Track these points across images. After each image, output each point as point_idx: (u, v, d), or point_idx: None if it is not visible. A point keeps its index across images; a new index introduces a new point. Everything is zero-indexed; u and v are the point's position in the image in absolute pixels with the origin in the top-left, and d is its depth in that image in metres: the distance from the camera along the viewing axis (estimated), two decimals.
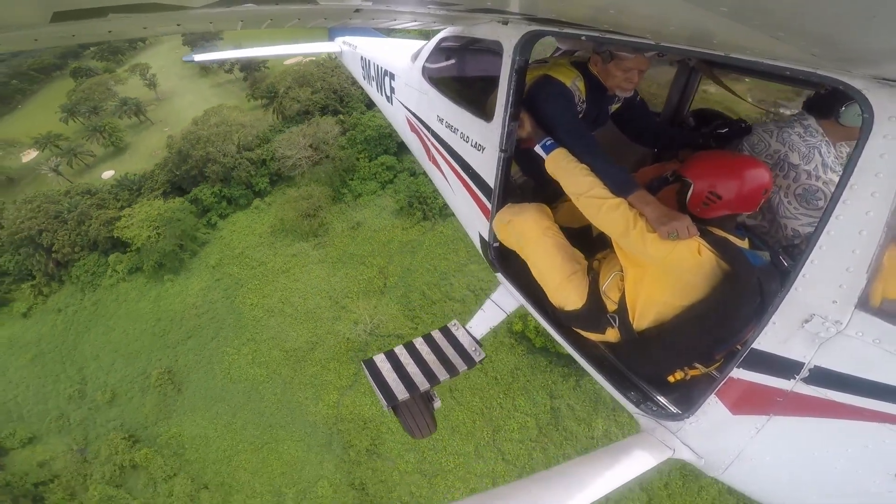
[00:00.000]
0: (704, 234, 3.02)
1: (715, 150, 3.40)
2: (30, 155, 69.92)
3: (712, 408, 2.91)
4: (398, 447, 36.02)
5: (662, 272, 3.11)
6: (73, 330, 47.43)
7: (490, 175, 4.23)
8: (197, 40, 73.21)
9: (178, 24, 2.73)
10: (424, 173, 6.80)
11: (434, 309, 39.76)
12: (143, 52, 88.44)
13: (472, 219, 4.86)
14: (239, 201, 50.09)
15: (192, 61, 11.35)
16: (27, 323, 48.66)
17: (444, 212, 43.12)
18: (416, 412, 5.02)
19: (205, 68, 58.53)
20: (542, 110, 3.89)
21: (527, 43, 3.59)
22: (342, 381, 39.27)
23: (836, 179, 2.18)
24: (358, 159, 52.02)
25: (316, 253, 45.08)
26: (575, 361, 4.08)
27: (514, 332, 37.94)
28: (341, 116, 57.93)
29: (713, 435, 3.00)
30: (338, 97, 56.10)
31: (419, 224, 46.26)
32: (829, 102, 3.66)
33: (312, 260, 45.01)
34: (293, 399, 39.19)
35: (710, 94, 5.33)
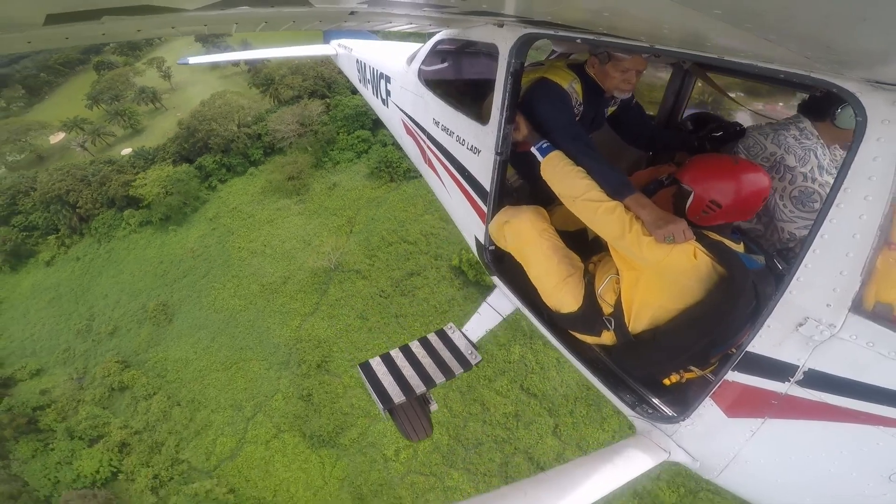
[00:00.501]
0: (700, 238, 3.02)
1: (712, 155, 3.36)
2: (58, 137, 77.20)
3: (707, 410, 2.91)
4: (345, 364, 41.47)
5: (658, 275, 3.11)
6: (87, 274, 54.90)
7: (486, 178, 4.22)
8: (209, 38, 77.34)
9: (173, 27, 2.72)
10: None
11: (390, 249, 46.21)
12: (160, 48, 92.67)
13: (468, 222, 4.85)
14: (236, 168, 58.96)
15: (187, 64, 11.37)
16: (49, 270, 56.18)
17: (408, 174, 50.16)
18: (413, 415, 5.00)
19: (209, 53, 62.20)
20: (538, 113, 3.89)
21: (522, 45, 3.59)
22: (305, 308, 45.49)
23: (832, 182, 2.17)
24: (338, 133, 61.05)
25: (296, 207, 52.79)
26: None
27: (453, 266, 43.95)
28: (327, 100, 65.63)
29: (708, 438, 3.00)
30: (326, 84, 65.24)
31: (386, 185, 53.59)
32: (823, 105, 3.67)
33: (293, 213, 52.64)
34: (263, 325, 45.29)
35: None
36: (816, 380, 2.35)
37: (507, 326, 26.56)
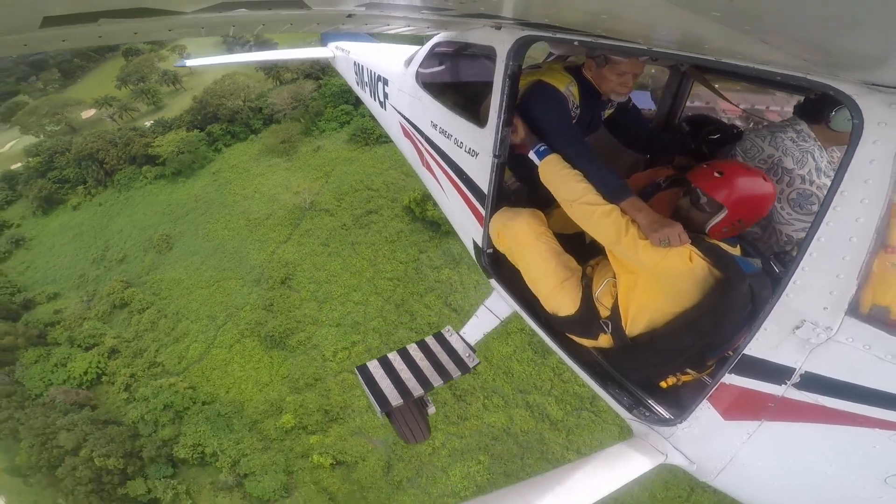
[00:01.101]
0: (696, 242, 3.02)
1: (738, 166, 3.21)
2: (89, 113, 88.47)
3: (704, 413, 2.90)
4: (305, 281, 50.59)
5: (654, 279, 3.11)
6: (107, 216, 65.76)
7: (484, 181, 4.22)
8: (230, 38, 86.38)
9: (170, 30, 2.71)
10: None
11: (355, 194, 55.40)
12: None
13: (465, 224, 4.84)
14: (239, 135, 69.32)
15: (185, 66, 11.41)
16: (75, 214, 67.74)
17: (380, 140, 58.11)
18: (410, 418, 4.99)
19: (231, 50, 72.70)
20: (535, 116, 3.89)
21: (520, 48, 3.59)
22: (280, 238, 54.75)
23: (830, 184, 2.18)
24: (325, 107, 70.08)
25: (285, 164, 62.70)
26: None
27: (404, 206, 52.29)
28: (320, 80, 74.18)
29: (705, 440, 3.00)
30: (321, 68, 72.94)
31: (360, 147, 61.90)
32: (819, 107, 3.67)
33: (281, 168, 62.38)
34: (244, 250, 54.53)
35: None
36: (813, 382, 2.35)
37: (443, 254, 43.76)
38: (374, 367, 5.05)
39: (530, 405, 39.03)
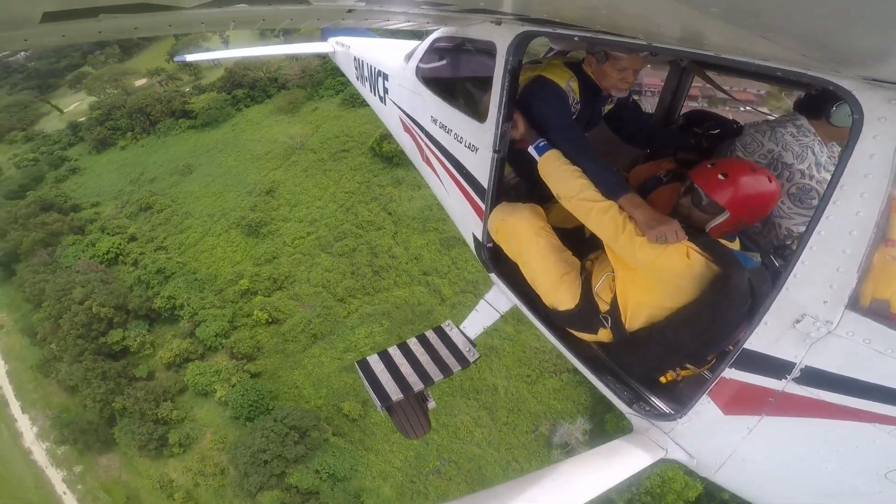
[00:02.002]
0: (693, 237, 3.01)
1: (744, 165, 3.14)
2: (142, 81, 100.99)
3: (704, 408, 2.91)
4: (284, 192, 64.52)
5: (652, 275, 3.12)
6: (146, 153, 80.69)
7: (483, 176, 4.22)
8: (266, 31, 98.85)
9: (170, 25, 2.71)
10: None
11: (335, 140, 68.31)
12: None
13: (465, 219, 4.85)
14: (257, 98, 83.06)
15: (184, 61, 11.46)
16: (121, 152, 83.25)
17: (364, 104, 64.05)
18: (410, 412, 5.00)
19: (262, 34, 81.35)
20: (535, 111, 3.89)
21: (520, 43, 3.59)
22: (273, 166, 68.50)
23: (830, 179, 2.18)
24: (326, 78, 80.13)
25: (288, 119, 76.18)
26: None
27: (370, 147, 63.78)
28: (325, 57, 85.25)
29: (705, 435, 3.01)
30: None
31: (349, 109, 72.54)
32: (819, 103, 3.67)
33: (284, 122, 75.92)
34: (245, 174, 68.87)
35: None
36: (813, 377, 2.35)
37: (392, 178, 59.86)
38: (375, 361, 5.05)
39: (429, 284, 49.94)
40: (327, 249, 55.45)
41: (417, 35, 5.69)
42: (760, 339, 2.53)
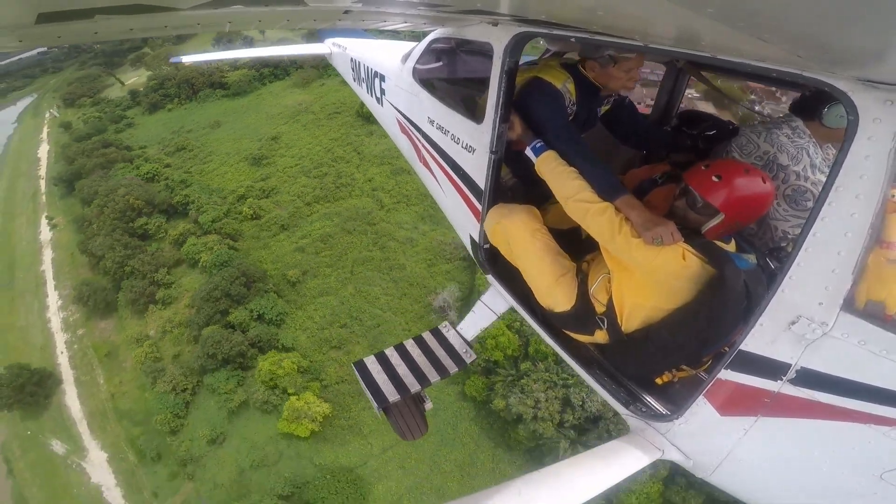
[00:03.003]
0: (690, 238, 3.02)
1: (738, 167, 3.11)
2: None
3: (701, 409, 2.91)
4: (286, 140, 76.57)
5: (648, 277, 3.12)
6: (187, 114, 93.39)
7: (480, 177, 4.22)
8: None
9: (166, 26, 2.70)
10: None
11: (332, 106, 78.37)
12: None
13: (462, 220, 4.85)
14: (279, 76, 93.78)
15: (179, 61, 11.49)
16: (168, 113, 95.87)
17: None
18: (407, 414, 5.00)
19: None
20: (532, 112, 3.89)
21: (517, 44, 3.59)
22: (281, 122, 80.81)
23: (825, 180, 2.18)
24: None
25: (300, 92, 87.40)
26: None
27: (356, 111, 73.42)
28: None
29: (701, 436, 3.01)
30: None
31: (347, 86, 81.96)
32: (812, 104, 3.68)
33: (297, 93, 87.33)
34: (260, 127, 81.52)
35: None
36: (808, 378, 2.35)
37: (364, 130, 74.52)
38: (371, 362, 5.05)
39: (375, 197, 62.04)
40: (307, 174, 68.54)
41: (415, 36, 5.69)
42: (756, 341, 2.53)
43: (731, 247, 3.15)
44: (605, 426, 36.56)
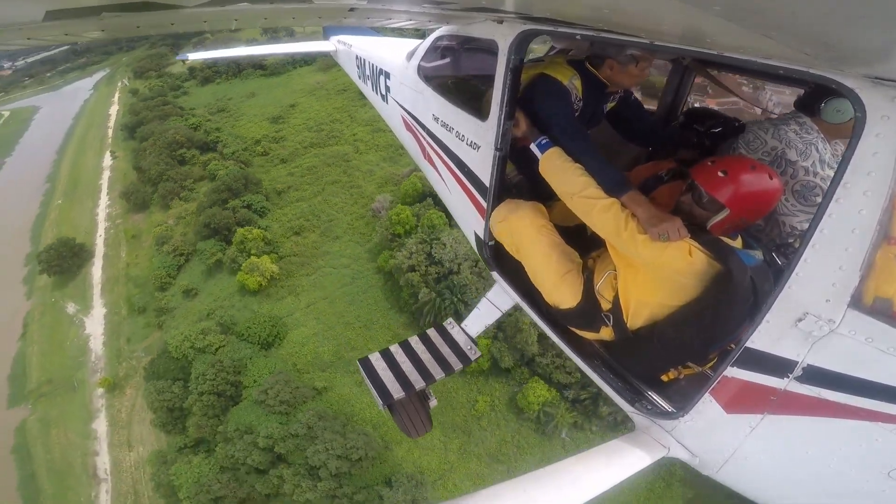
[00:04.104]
0: (696, 235, 3.01)
1: (745, 162, 3.06)
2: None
3: (706, 406, 2.91)
4: (300, 107, 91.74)
5: (654, 273, 3.11)
6: (231, 87, 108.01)
7: (485, 174, 4.22)
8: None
9: (173, 24, 2.72)
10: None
11: (343, 84, 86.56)
12: None
13: (467, 217, 4.85)
14: (308, 63, 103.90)
15: (186, 59, 11.55)
16: (217, 86, 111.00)
17: None
18: (412, 411, 5.00)
19: None
20: (538, 109, 3.88)
21: (522, 42, 3.59)
22: (300, 95, 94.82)
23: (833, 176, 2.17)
24: None
25: (321, 74, 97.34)
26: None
27: (357, 90, 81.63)
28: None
29: (707, 434, 3.01)
30: None
31: None
32: (813, 100, 3.67)
33: (318, 75, 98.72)
34: (281, 98, 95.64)
35: None
36: (815, 375, 2.35)
37: (360, 98, 77.40)
38: (376, 359, 5.05)
39: (354, 145, 78.43)
40: (309, 130, 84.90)
41: (419, 34, 5.69)
42: (762, 338, 2.52)
43: (737, 243, 3.14)
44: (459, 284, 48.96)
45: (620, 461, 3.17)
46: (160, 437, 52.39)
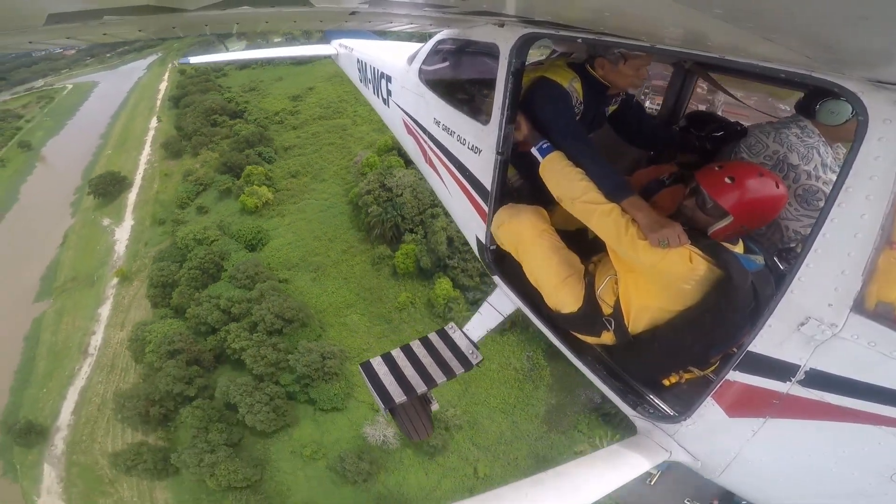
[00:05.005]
0: (696, 240, 3.00)
1: (750, 169, 3.06)
2: (278, 39, 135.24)
3: (708, 410, 2.90)
4: (318, 90, 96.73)
5: (655, 279, 3.10)
6: (264, 72, 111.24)
7: (487, 178, 4.22)
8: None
9: (174, 27, 2.72)
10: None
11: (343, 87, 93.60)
12: None
13: (468, 221, 4.84)
14: (320, 61, 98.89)
15: (188, 63, 11.57)
16: (252, 71, 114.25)
17: None
18: (414, 414, 5.00)
19: None
20: (538, 113, 3.88)
21: (523, 45, 3.59)
22: (319, 81, 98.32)
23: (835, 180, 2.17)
24: None
25: (333, 65, 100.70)
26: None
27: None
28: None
29: (710, 437, 3.00)
30: None
31: None
32: (815, 103, 3.66)
33: (336, 67, 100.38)
34: (305, 83, 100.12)
35: None
36: (818, 379, 2.34)
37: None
38: (378, 363, 5.05)
39: (354, 119, 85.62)
40: (320, 106, 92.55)
41: (421, 37, 5.70)
42: (765, 342, 2.51)
43: (738, 247, 3.13)
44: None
45: (622, 465, 3.16)
46: (149, 314, 63.81)
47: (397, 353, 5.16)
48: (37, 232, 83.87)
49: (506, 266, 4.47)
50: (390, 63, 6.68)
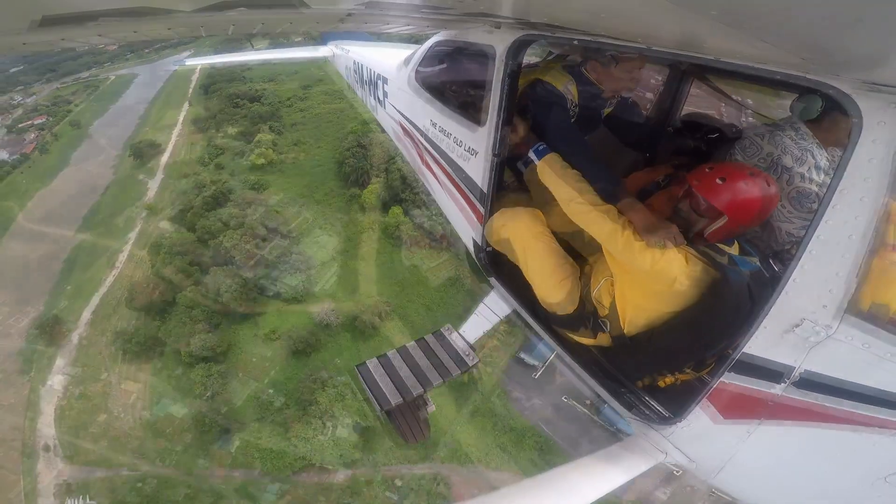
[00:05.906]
0: (692, 242, 3.01)
1: (742, 169, 3.04)
2: (298, 39, 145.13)
3: (703, 412, 2.90)
4: (328, 79, 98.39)
5: (650, 280, 3.10)
6: (284, 66, 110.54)
7: (482, 180, 4.21)
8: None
9: (169, 29, 2.71)
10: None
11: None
12: None
13: (464, 223, 4.84)
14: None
15: (184, 65, 11.63)
16: (269, 64, 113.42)
17: None
18: (409, 416, 4.99)
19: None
20: (534, 115, 3.88)
21: (519, 47, 3.59)
22: (329, 71, 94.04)
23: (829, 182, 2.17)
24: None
25: (330, 67, 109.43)
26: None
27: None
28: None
29: (704, 439, 2.99)
30: None
31: None
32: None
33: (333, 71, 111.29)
34: (316, 73, 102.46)
35: None
36: (811, 382, 2.34)
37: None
38: (374, 365, 5.04)
39: (350, 104, 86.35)
40: (326, 94, 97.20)
41: (417, 39, 5.69)
42: (759, 344, 2.51)
43: (733, 249, 3.13)
44: None
45: (618, 466, 3.16)
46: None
47: (393, 355, 5.15)
48: (83, 184, 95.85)
49: (501, 268, 4.47)
50: (386, 65, 6.67)
